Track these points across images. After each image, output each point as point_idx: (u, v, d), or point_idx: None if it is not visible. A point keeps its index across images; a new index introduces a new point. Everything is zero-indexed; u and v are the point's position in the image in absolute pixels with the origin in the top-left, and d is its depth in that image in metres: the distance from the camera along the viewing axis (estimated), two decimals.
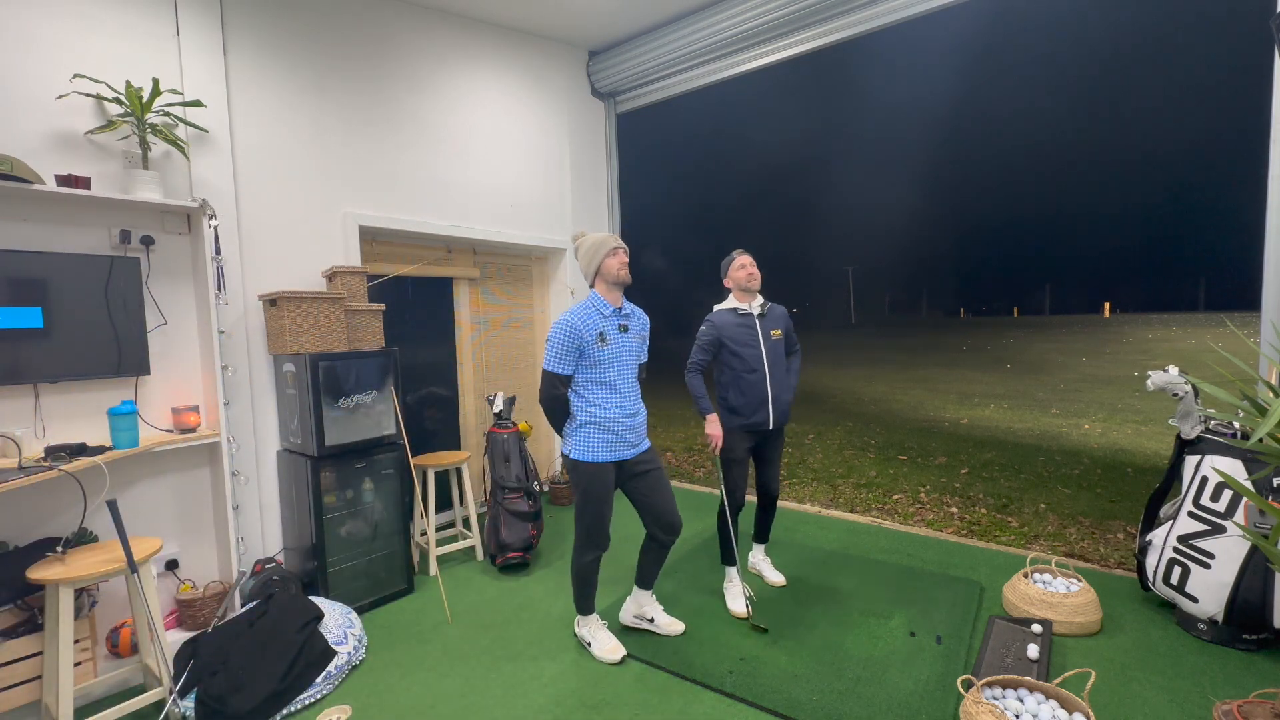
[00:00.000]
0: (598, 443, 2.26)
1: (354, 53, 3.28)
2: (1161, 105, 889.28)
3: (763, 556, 3.05)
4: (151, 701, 2.05)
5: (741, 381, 2.66)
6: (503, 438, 3.41)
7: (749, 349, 2.66)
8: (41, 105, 2.27)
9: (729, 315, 2.71)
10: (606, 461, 2.27)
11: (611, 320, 2.27)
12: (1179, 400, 2.49)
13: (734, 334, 2.68)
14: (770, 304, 2.78)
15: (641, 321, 2.40)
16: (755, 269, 2.72)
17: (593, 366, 2.24)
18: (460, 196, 3.81)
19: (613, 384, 2.26)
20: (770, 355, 2.68)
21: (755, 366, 2.65)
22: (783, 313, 2.81)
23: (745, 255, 2.74)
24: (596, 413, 2.24)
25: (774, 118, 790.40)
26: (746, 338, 2.67)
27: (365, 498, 2.91)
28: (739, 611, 2.66)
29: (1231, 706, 1.81)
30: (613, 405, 2.26)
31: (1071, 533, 3.71)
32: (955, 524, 3.93)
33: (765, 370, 2.65)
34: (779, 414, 2.69)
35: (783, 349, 2.75)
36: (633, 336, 2.33)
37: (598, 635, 2.44)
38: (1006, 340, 22.24)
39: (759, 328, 2.68)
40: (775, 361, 2.69)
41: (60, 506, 2.27)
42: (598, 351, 2.23)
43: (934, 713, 1.99)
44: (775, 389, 2.67)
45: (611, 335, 2.25)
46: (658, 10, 4.04)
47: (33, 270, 2.17)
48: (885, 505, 4.40)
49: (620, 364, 2.28)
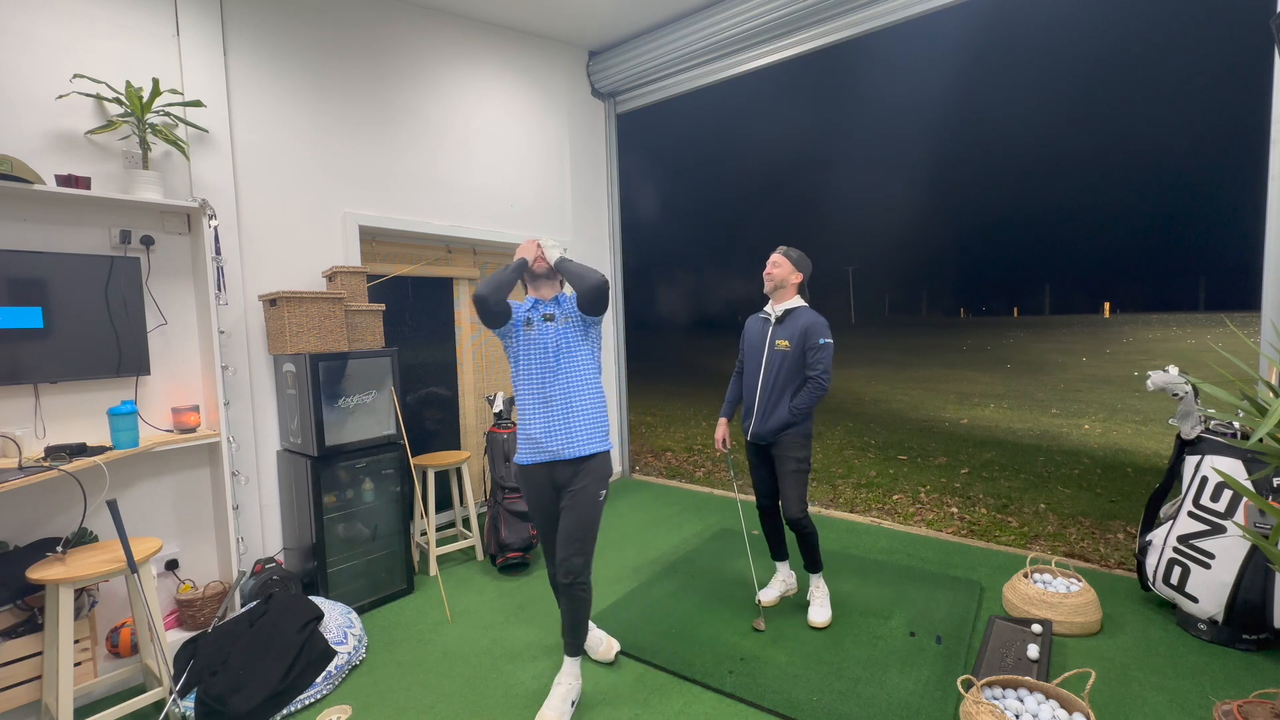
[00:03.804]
0: (521, 440, 2.16)
1: (354, 52, 3.28)
2: (1161, 105, 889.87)
3: (814, 587, 2.68)
4: (151, 701, 2.05)
5: (745, 386, 2.66)
6: (503, 438, 3.41)
7: (754, 353, 2.62)
8: (41, 105, 2.27)
9: (755, 316, 2.69)
10: (526, 464, 2.13)
11: (535, 311, 2.15)
12: (1179, 400, 2.49)
13: (749, 334, 2.67)
14: (799, 312, 2.54)
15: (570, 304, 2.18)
16: (774, 268, 2.57)
17: (514, 358, 2.15)
18: (460, 196, 3.81)
19: (526, 377, 2.12)
20: (768, 365, 2.54)
21: (754, 372, 2.59)
22: (807, 326, 2.48)
23: (774, 254, 2.60)
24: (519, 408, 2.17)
25: (774, 117, 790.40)
26: (756, 341, 2.62)
27: (365, 498, 2.91)
28: (765, 600, 2.74)
29: (1231, 706, 1.81)
30: (525, 400, 2.13)
31: (1071, 533, 3.71)
32: (955, 524, 3.93)
33: (758, 379, 2.57)
34: (760, 426, 2.54)
35: (788, 363, 2.48)
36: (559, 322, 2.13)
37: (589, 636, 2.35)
38: (1006, 340, 22.23)
39: (769, 334, 2.57)
40: (772, 372, 2.52)
41: (60, 506, 2.27)
42: (522, 335, 2.12)
43: (934, 713, 1.99)
44: (763, 401, 2.54)
45: (536, 322, 2.13)
46: (658, 10, 4.04)
47: (33, 270, 2.17)
48: (885, 505, 4.40)
49: (536, 354, 2.11)
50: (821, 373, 2.44)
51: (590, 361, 2.16)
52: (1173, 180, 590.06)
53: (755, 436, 2.59)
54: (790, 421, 2.48)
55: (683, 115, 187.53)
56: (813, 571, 2.66)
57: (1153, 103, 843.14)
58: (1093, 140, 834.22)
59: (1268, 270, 2.51)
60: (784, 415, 2.48)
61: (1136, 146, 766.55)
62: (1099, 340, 20.49)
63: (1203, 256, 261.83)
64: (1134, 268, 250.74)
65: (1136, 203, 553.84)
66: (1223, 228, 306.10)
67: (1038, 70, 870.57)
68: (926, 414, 8.55)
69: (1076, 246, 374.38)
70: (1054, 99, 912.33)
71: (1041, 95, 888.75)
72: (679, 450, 6.49)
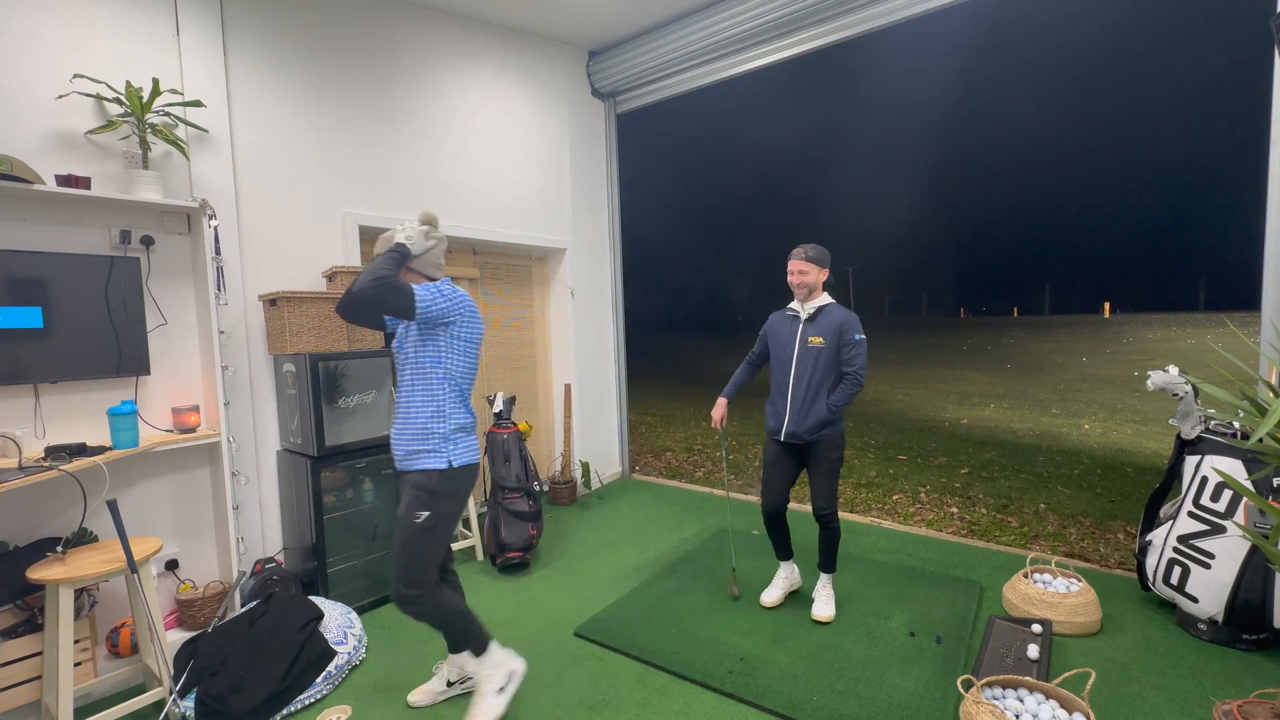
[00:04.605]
0: None
1: (354, 52, 3.28)
2: (1162, 105, 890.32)
3: (821, 585, 2.70)
4: (151, 701, 2.05)
5: (772, 383, 2.63)
6: (503, 438, 3.41)
7: (782, 350, 2.60)
8: (41, 105, 2.27)
9: (781, 313, 2.68)
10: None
11: None
12: (1179, 400, 2.49)
13: (776, 331, 2.65)
14: (830, 309, 2.55)
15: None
16: (804, 276, 2.53)
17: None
18: (460, 196, 3.80)
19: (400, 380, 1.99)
20: (801, 362, 2.53)
21: (784, 370, 2.57)
22: (841, 322, 2.50)
23: (795, 260, 2.55)
24: None
25: (774, 117, 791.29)
26: (785, 338, 2.60)
27: (365, 498, 2.91)
28: (767, 601, 2.73)
29: (1231, 706, 1.81)
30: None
31: (1071, 533, 3.71)
32: (955, 524, 3.93)
33: (790, 376, 2.54)
34: (797, 426, 2.51)
35: (823, 359, 2.49)
36: (405, 324, 1.98)
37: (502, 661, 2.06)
38: (1006, 340, 22.24)
39: (799, 331, 2.56)
40: (805, 369, 2.51)
41: (60, 506, 2.27)
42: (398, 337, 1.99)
43: (934, 713, 1.99)
44: (797, 400, 2.52)
45: (392, 324, 2.05)
46: (658, 10, 4.04)
47: (33, 270, 2.17)
48: (885, 505, 4.40)
49: (398, 359, 2.00)
50: (859, 369, 2.47)
51: (424, 371, 1.91)
52: (1173, 180, 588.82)
53: (792, 436, 2.53)
54: (829, 419, 2.49)
55: (683, 115, 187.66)
56: (829, 571, 2.68)
57: (1153, 102, 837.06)
58: (1093, 140, 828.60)
59: (1268, 270, 2.51)
60: (822, 413, 2.48)
61: (1136, 146, 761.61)
62: (1099, 340, 20.50)
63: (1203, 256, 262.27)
64: (1134, 268, 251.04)
65: (1136, 203, 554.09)
66: (1223, 228, 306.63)
67: (1038, 70, 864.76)
68: (926, 414, 8.55)
69: (1076, 246, 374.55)
70: (1054, 99, 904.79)
71: (1041, 95, 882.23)
72: (679, 450, 6.49)
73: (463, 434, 1.97)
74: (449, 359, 1.92)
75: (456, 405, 1.94)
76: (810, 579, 2.82)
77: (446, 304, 1.87)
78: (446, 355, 1.91)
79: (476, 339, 1.98)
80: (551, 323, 4.68)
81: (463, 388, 1.96)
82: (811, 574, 2.80)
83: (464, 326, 1.93)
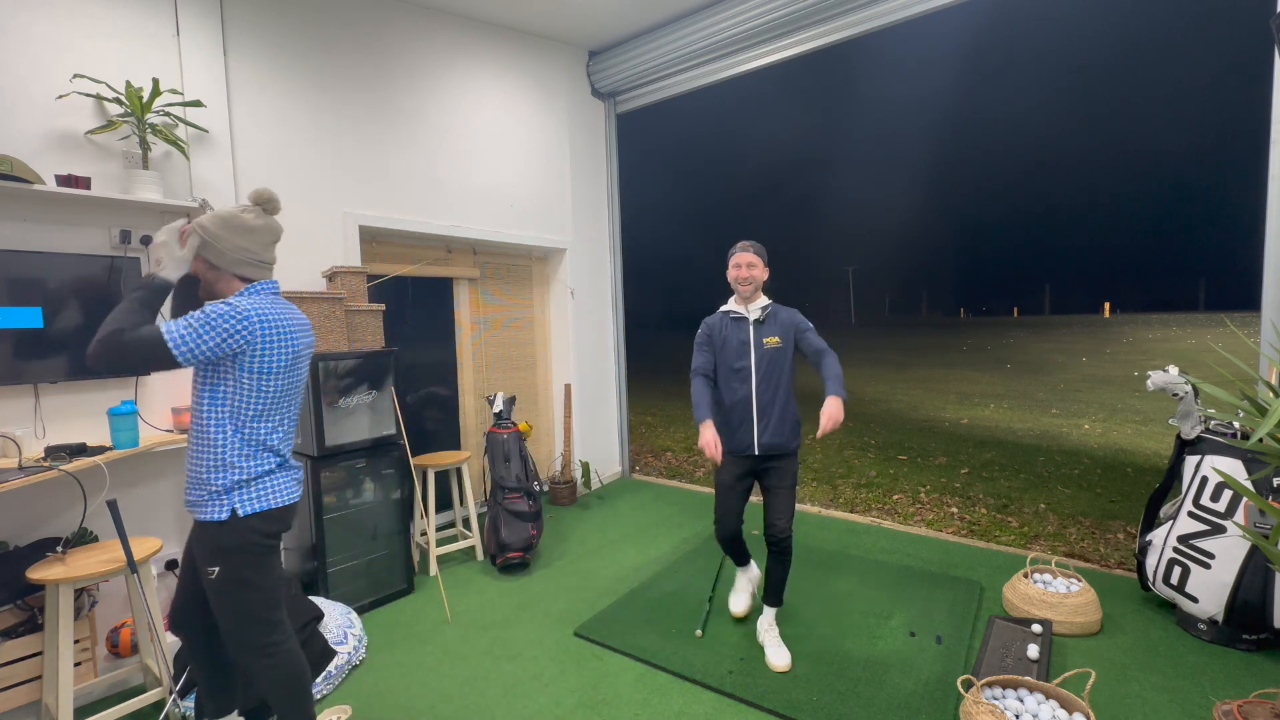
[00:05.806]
0: None
1: (354, 52, 3.28)
2: (1161, 105, 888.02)
3: (768, 625, 2.40)
4: (151, 701, 2.05)
5: (726, 395, 2.34)
6: (503, 438, 3.41)
7: (737, 360, 2.32)
8: (41, 105, 2.27)
9: (720, 317, 2.42)
10: None
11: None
12: (1179, 400, 2.49)
13: (725, 337, 2.36)
14: (777, 307, 2.38)
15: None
16: (752, 270, 2.33)
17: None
18: (460, 196, 3.80)
19: None
20: (761, 367, 2.30)
21: (743, 380, 2.31)
22: (790, 318, 2.35)
23: (744, 252, 2.35)
24: None
25: (774, 117, 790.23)
26: (736, 345, 2.33)
27: (365, 498, 2.91)
28: (736, 611, 2.65)
29: (1231, 706, 1.81)
30: None
31: (1071, 533, 3.71)
32: (955, 524, 3.93)
33: (753, 385, 2.29)
34: (775, 435, 2.29)
35: (784, 358, 2.32)
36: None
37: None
38: (1006, 340, 22.24)
39: (751, 335, 2.33)
40: (767, 375, 2.30)
41: (60, 506, 2.27)
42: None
43: (934, 713, 1.99)
44: (764, 406, 2.29)
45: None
46: (658, 10, 4.04)
47: (33, 270, 2.17)
48: (885, 505, 4.40)
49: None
50: (827, 345, 2.30)
51: (199, 413, 1.54)
52: (1173, 180, 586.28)
53: (771, 448, 2.30)
54: (799, 421, 2.35)
55: (683, 115, 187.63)
56: (777, 605, 2.42)
57: (1153, 102, 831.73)
58: (1093, 140, 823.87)
59: (1268, 270, 2.51)
60: (796, 413, 2.34)
61: (1136, 146, 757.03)
62: (1099, 340, 20.50)
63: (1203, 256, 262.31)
64: (1134, 268, 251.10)
65: (1136, 203, 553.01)
66: (1223, 228, 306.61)
67: (1038, 70, 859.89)
68: (926, 414, 8.55)
69: (1076, 246, 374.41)
70: (1054, 99, 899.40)
71: (1041, 95, 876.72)
72: (679, 450, 6.49)
73: (254, 482, 1.57)
74: (235, 398, 1.52)
75: (243, 453, 1.54)
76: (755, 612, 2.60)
77: (219, 336, 1.44)
78: (233, 393, 1.52)
79: (274, 369, 1.55)
80: (551, 323, 4.68)
81: (258, 431, 1.56)
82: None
83: (258, 357, 1.51)
